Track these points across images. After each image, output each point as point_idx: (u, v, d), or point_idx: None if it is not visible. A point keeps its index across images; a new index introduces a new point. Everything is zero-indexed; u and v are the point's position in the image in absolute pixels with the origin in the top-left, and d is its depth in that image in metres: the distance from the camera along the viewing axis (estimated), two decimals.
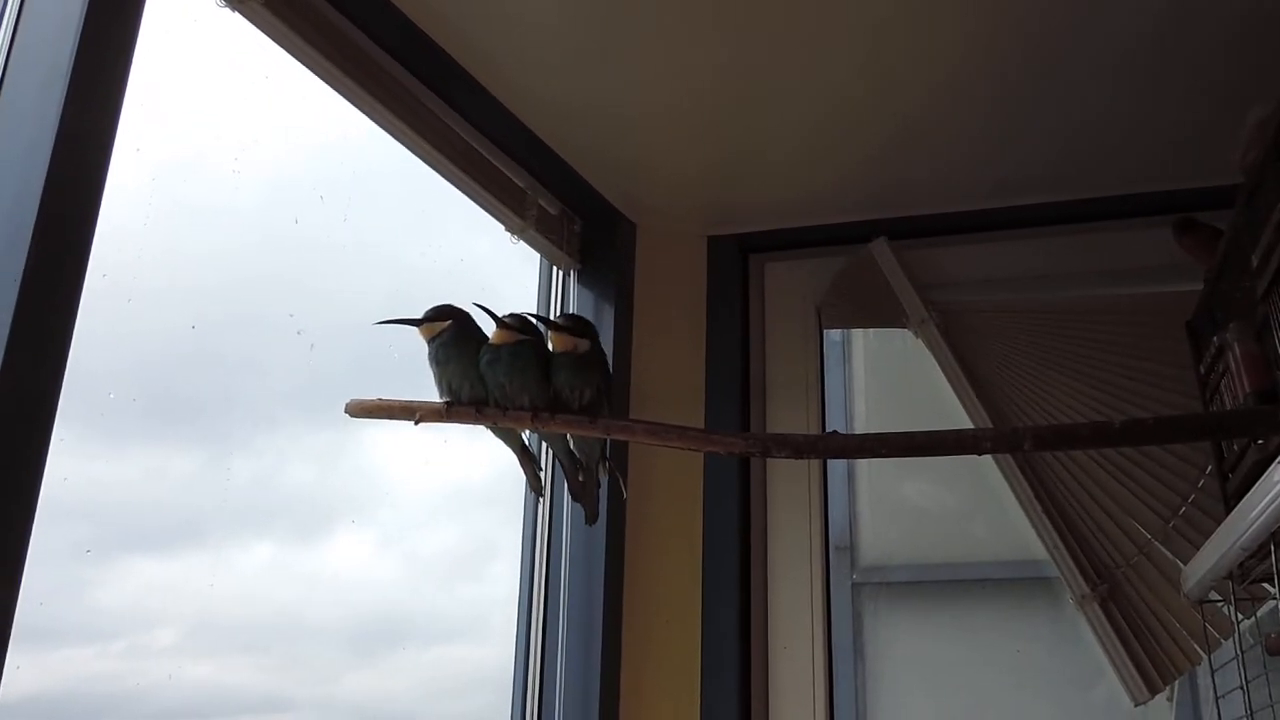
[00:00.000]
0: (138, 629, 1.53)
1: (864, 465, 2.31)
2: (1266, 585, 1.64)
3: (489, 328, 1.63)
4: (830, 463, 2.27)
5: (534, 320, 1.65)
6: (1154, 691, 1.93)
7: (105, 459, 1.49)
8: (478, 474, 2.07)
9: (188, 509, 1.59)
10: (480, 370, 1.57)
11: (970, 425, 2.13)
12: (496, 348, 1.58)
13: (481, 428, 1.67)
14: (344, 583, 1.80)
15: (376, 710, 1.79)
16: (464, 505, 2.10)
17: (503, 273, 2.23)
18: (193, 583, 1.57)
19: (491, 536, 2.13)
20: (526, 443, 1.76)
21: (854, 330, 2.39)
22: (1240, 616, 1.64)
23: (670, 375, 2.27)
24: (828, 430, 2.24)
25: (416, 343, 1.63)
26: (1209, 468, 1.96)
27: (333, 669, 1.76)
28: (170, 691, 1.51)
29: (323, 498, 1.82)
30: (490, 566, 2.12)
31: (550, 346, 1.63)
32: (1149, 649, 1.96)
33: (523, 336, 1.60)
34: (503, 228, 2.07)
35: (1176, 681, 1.97)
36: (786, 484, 2.22)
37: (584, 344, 1.63)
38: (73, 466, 1.34)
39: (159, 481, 1.56)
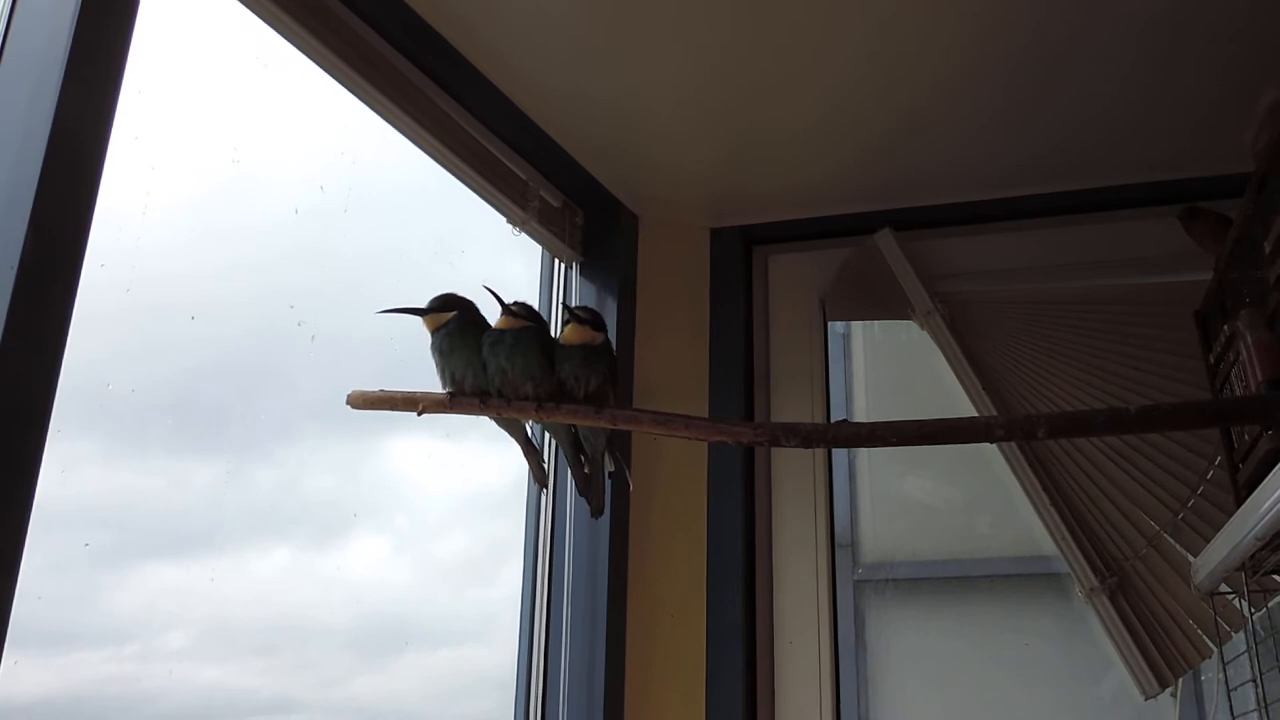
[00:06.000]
0: (150, 632, 1.52)
1: (865, 462, 2.29)
2: (1278, 577, 1.63)
3: (493, 317, 1.62)
4: (833, 460, 2.25)
5: (568, 309, 1.65)
6: (1164, 685, 1.92)
7: (130, 469, 1.49)
8: (494, 479, 2.06)
9: (206, 516, 1.59)
10: (483, 356, 1.56)
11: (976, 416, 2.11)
12: (500, 331, 1.58)
13: (490, 423, 1.66)
14: (356, 587, 1.80)
15: (384, 712, 1.78)
16: (478, 510, 2.09)
17: (504, 266, 2.22)
18: (206, 587, 1.56)
19: (503, 540, 2.12)
20: (530, 434, 1.75)
21: (855, 322, 2.38)
22: (1252, 609, 1.63)
23: (674, 369, 2.25)
24: (835, 420, 2.22)
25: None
26: (1218, 459, 1.95)
27: (341, 672, 1.76)
28: (180, 694, 1.50)
29: (339, 504, 1.82)
30: (501, 569, 2.11)
31: (562, 337, 1.62)
32: (1159, 642, 1.95)
33: (527, 323, 1.59)
34: (504, 220, 2.05)
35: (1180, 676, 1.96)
36: (791, 477, 2.21)
37: (599, 337, 1.62)
38: (95, 475, 1.33)
39: (180, 489, 1.56)
